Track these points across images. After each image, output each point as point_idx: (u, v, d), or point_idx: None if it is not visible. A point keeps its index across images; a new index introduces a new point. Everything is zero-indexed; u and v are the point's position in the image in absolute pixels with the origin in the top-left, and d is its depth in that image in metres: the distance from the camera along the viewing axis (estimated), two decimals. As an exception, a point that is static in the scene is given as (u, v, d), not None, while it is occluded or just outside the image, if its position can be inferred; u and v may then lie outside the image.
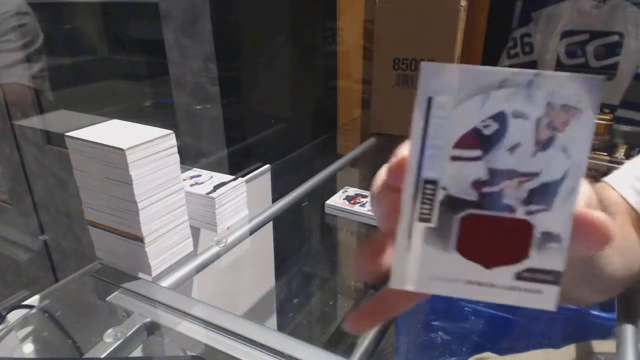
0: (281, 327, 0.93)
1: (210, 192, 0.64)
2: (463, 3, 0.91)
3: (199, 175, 0.69)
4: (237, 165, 0.98)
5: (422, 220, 0.20)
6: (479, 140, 0.19)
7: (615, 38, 1.19)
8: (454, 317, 0.60)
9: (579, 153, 0.19)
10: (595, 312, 0.51)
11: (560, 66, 1.27)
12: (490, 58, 1.29)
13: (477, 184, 0.20)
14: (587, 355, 0.48)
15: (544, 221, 0.20)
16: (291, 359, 0.43)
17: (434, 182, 0.20)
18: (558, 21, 1.26)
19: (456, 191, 0.20)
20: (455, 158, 0.20)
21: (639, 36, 1.16)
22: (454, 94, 0.19)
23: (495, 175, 0.20)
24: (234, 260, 0.72)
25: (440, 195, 0.20)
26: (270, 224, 0.77)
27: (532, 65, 1.32)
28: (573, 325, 0.52)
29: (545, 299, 0.20)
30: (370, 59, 1.02)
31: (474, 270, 0.20)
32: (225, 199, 0.65)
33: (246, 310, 0.82)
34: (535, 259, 0.20)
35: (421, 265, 0.21)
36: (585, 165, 0.19)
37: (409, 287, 0.21)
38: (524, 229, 0.20)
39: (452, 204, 0.20)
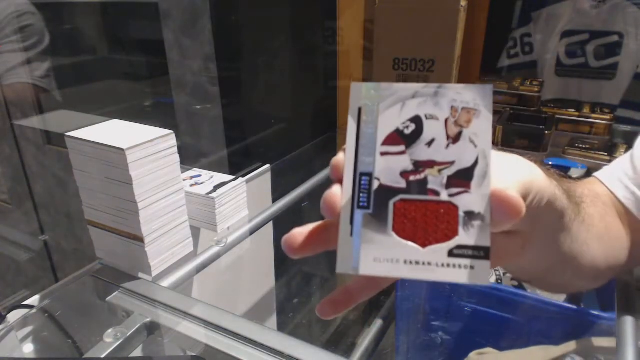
0: (281, 327, 0.92)
1: (211, 192, 0.64)
2: (463, 3, 0.91)
3: (199, 175, 0.69)
4: (237, 165, 0.98)
5: (360, 207, 0.23)
6: (401, 139, 0.24)
7: (615, 38, 1.19)
8: (454, 317, 0.60)
9: (484, 142, 0.23)
10: (595, 312, 0.51)
11: (560, 66, 1.27)
12: (490, 58, 1.29)
13: (405, 174, 0.24)
14: (586, 350, 0.48)
15: (465, 202, 0.23)
16: (291, 359, 0.43)
17: (369, 174, 0.24)
18: (558, 21, 1.26)
19: (388, 180, 0.24)
20: (384, 153, 0.24)
21: (639, 36, 1.16)
22: (377, 104, 0.24)
23: (418, 165, 0.24)
24: (234, 260, 0.72)
25: (375, 185, 0.24)
26: (270, 224, 0.77)
27: (533, 64, 1.32)
28: (573, 325, 0.52)
29: (478, 274, 0.23)
30: (370, 59, 1.02)
31: (411, 250, 0.23)
32: (225, 199, 0.65)
33: (246, 310, 0.82)
34: (463, 237, 0.23)
35: (363, 249, 0.23)
36: (490, 153, 0.23)
37: (354, 270, 0.23)
38: (450, 210, 0.23)
39: (386, 191, 0.24)
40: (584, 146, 0.95)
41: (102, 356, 0.46)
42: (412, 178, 0.23)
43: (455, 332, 0.61)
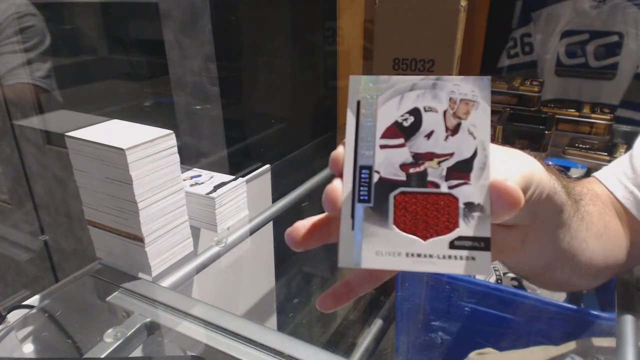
0: (281, 327, 0.92)
1: (211, 192, 0.64)
2: (463, 3, 0.91)
3: (199, 175, 0.69)
4: (237, 165, 0.98)
5: (361, 201, 0.23)
6: (400, 131, 0.24)
7: (615, 38, 1.19)
8: (454, 317, 0.60)
9: (483, 134, 0.23)
10: (595, 312, 0.51)
11: (560, 66, 1.27)
12: (490, 58, 1.29)
13: (404, 166, 0.24)
14: (586, 350, 0.48)
15: (465, 193, 0.23)
16: (291, 359, 0.43)
17: (368, 168, 0.24)
18: (558, 21, 1.26)
19: (388, 173, 0.24)
20: (383, 146, 0.24)
21: (639, 36, 1.16)
22: (376, 97, 0.24)
23: (417, 157, 0.24)
24: (234, 260, 0.72)
25: (375, 178, 0.23)
26: (270, 224, 0.77)
27: (533, 64, 1.32)
28: (573, 325, 0.52)
29: (479, 265, 0.23)
30: (370, 59, 1.02)
31: (412, 243, 0.23)
32: (225, 199, 0.65)
33: (246, 310, 0.82)
34: (463, 228, 0.23)
35: (364, 242, 0.23)
36: (489, 144, 0.23)
37: (356, 264, 0.23)
38: (450, 201, 0.23)
39: (386, 184, 0.23)
40: (584, 146, 0.95)
41: (102, 356, 0.46)
42: (411, 170, 0.23)
43: (455, 332, 0.61)
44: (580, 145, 0.95)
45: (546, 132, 0.94)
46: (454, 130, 0.23)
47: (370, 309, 1.04)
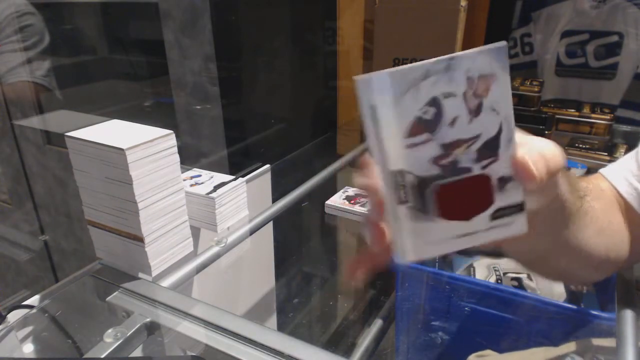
0: (281, 327, 0.92)
1: (211, 192, 0.64)
2: (463, 3, 0.91)
3: (199, 176, 0.69)
4: (237, 165, 0.98)
5: (401, 203, 0.24)
6: (423, 126, 0.23)
7: (615, 38, 1.19)
8: (454, 317, 0.60)
9: (506, 108, 0.23)
10: (595, 312, 0.51)
11: (560, 66, 1.27)
12: (490, 58, 1.29)
13: (435, 160, 0.23)
14: (586, 350, 0.48)
15: (496, 170, 0.24)
16: (291, 359, 0.43)
17: (400, 171, 0.24)
18: (558, 21, 1.26)
19: (420, 171, 0.24)
20: (409, 146, 0.23)
21: (639, 36, 1.16)
22: (390, 95, 0.22)
23: (446, 148, 0.23)
24: (234, 260, 0.72)
25: (409, 178, 0.24)
26: (270, 224, 0.77)
27: (533, 64, 1.32)
28: (573, 325, 0.52)
29: (518, 225, 0.25)
30: (370, 59, 1.02)
31: (457, 226, 0.24)
32: (225, 199, 0.65)
33: (246, 310, 0.82)
34: (499, 201, 0.24)
35: (414, 238, 0.24)
36: (512, 116, 0.23)
37: (410, 258, 0.25)
38: (484, 181, 0.24)
39: (421, 182, 0.24)
40: (584, 146, 0.95)
41: (102, 356, 0.46)
42: (443, 162, 0.24)
43: (455, 332, 0.61)
44: (580, 145, 0.95)
45: (546, 132, 0.94)
46: (477, 111, 0.23)
47: (370, 309, 1.04)
